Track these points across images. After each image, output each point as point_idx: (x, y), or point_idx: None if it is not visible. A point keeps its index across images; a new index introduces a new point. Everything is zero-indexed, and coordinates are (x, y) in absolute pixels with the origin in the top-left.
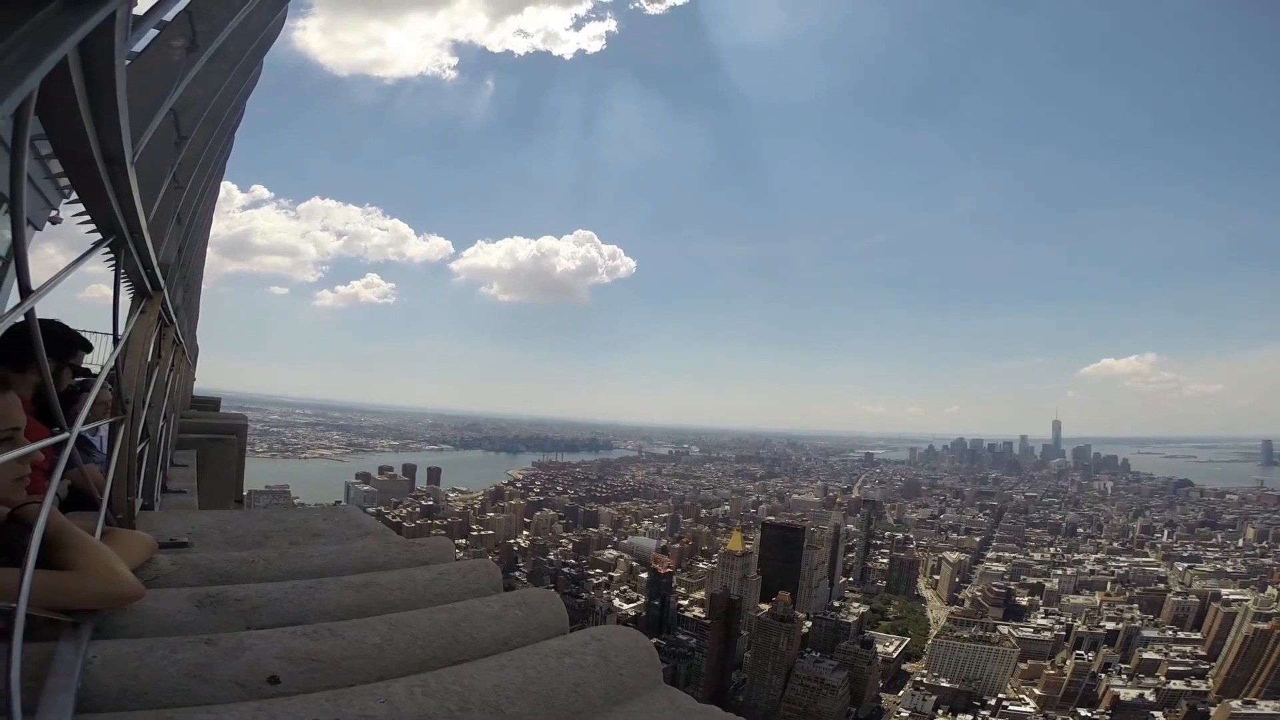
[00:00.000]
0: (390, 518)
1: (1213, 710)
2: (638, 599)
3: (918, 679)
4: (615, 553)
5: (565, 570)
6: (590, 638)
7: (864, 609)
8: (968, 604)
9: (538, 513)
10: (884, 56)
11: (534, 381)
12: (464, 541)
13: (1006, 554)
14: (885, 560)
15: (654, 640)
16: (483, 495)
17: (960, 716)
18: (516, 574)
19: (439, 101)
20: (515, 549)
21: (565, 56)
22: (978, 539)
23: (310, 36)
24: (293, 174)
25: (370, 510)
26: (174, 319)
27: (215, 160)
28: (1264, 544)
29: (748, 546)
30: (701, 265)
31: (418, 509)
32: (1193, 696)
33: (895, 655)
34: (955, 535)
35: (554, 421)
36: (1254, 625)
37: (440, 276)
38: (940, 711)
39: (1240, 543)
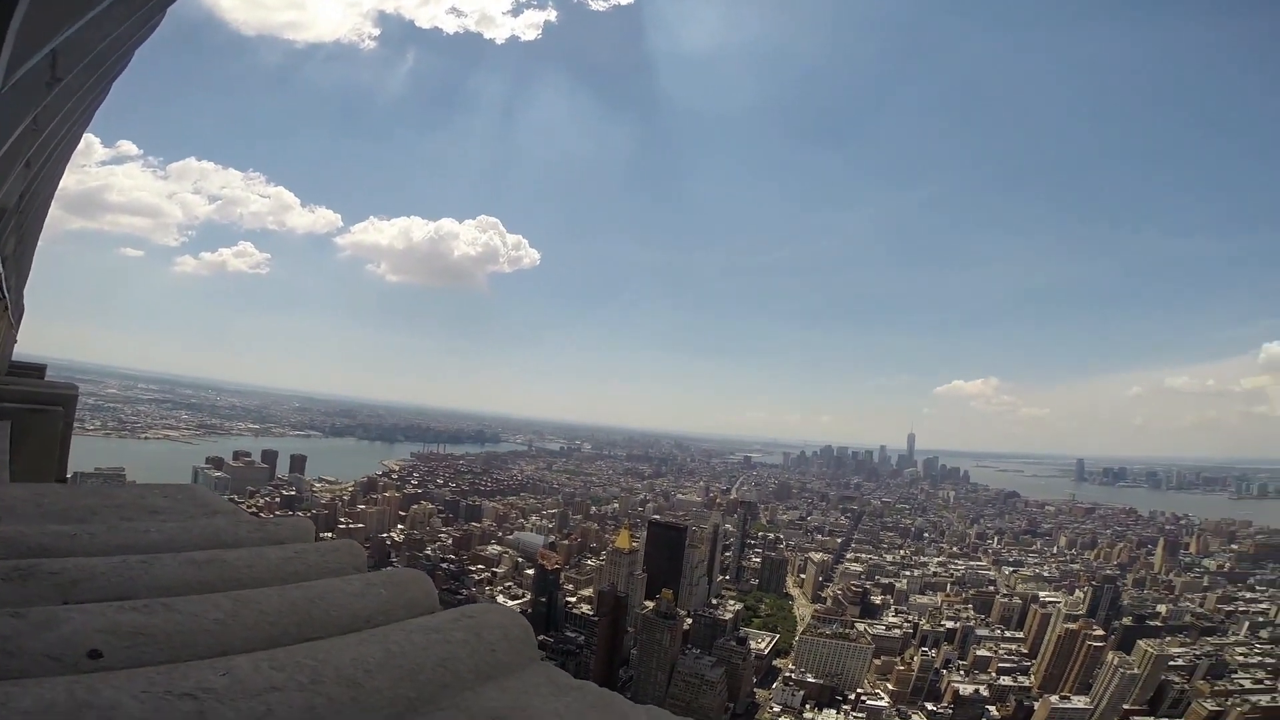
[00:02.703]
0: (245, 508)
1: (1036, 705)
2: (523, 595)
3: (787, 674)
4: (499, 548)
5: (444, 566)
6: (461, 615)
7: (739, 606)
8: (830, 602)
9: (415, 506)
10: (804, 82)
11: (418, 368)
12: (329, 535)
13: (864, 555)
14: (758, 559)
15: (541, 638)
16: (353, 486)
17: (825, 711)
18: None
19: (351, 71)
20: (388, 543)
21: (497, 41)
22: (839, 540)
23: None
24: (169, 132)
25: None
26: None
27: (85, 108)
28: (1074, 551)
29: (635, 544)
30: (607, 264)
31: (278, 499)
32: (1019, 691)
33: (767, 651)
34: (820, 536)
35: (437, 411)
36: (1065, 625)
37: (323, 250)
38: (808, 706)
39: (1055, 549)
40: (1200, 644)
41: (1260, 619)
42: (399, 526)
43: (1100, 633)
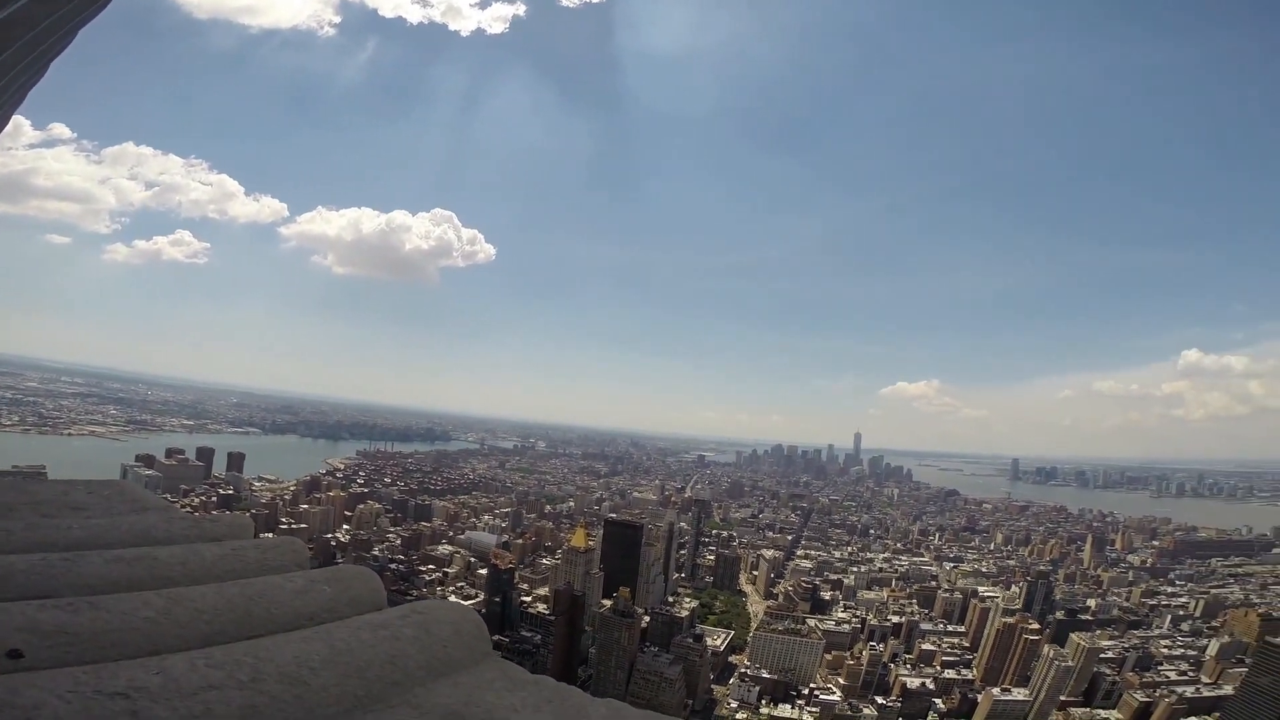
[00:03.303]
0: (179, 506)
1: (979, 697)
2: (476, 595)
3: (743, 670)
4: (451, 548)
5: (393, 566)
6: (410, 611)
7: (694, 604)
8: (781, 598)
9: (361, 505)
10: (765, 88)
11: (364, 363)
12: (270, 536)
13: (813, 552)
14: (712, 557)
15: (496, 638)
16: (295, 485)
17: (780, 705)
18: None
19: (308, 59)
20: (333, 544)
21: (462, 33)
22: (790, 537)
23: None
24: (108, 115)
25: None
26: None
27: (20, 87)
28: (1009, 547)
29: (591, 543)
30: (563, 261)
31: (214, 498)
32: (962, 684)
33: (723, 648)
34: (771, 534)
35: (384, 408)
36: (1003, 620)
37: (267, 241)
38: (764, 701)
39: (992, 546)
40: (1128, 637)
41: (1181, 612)
42: (344, 527)
43: (1036, 626)
